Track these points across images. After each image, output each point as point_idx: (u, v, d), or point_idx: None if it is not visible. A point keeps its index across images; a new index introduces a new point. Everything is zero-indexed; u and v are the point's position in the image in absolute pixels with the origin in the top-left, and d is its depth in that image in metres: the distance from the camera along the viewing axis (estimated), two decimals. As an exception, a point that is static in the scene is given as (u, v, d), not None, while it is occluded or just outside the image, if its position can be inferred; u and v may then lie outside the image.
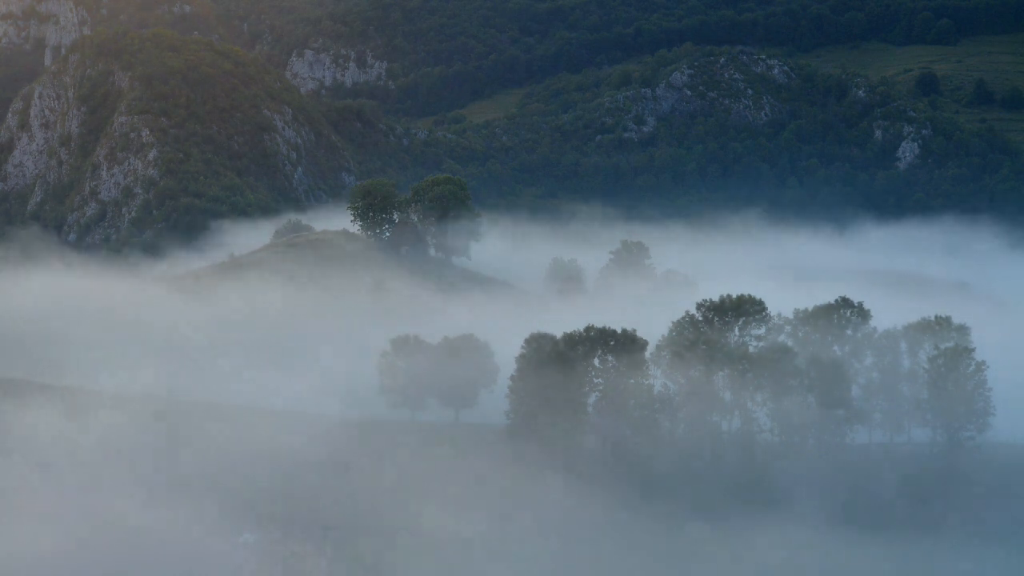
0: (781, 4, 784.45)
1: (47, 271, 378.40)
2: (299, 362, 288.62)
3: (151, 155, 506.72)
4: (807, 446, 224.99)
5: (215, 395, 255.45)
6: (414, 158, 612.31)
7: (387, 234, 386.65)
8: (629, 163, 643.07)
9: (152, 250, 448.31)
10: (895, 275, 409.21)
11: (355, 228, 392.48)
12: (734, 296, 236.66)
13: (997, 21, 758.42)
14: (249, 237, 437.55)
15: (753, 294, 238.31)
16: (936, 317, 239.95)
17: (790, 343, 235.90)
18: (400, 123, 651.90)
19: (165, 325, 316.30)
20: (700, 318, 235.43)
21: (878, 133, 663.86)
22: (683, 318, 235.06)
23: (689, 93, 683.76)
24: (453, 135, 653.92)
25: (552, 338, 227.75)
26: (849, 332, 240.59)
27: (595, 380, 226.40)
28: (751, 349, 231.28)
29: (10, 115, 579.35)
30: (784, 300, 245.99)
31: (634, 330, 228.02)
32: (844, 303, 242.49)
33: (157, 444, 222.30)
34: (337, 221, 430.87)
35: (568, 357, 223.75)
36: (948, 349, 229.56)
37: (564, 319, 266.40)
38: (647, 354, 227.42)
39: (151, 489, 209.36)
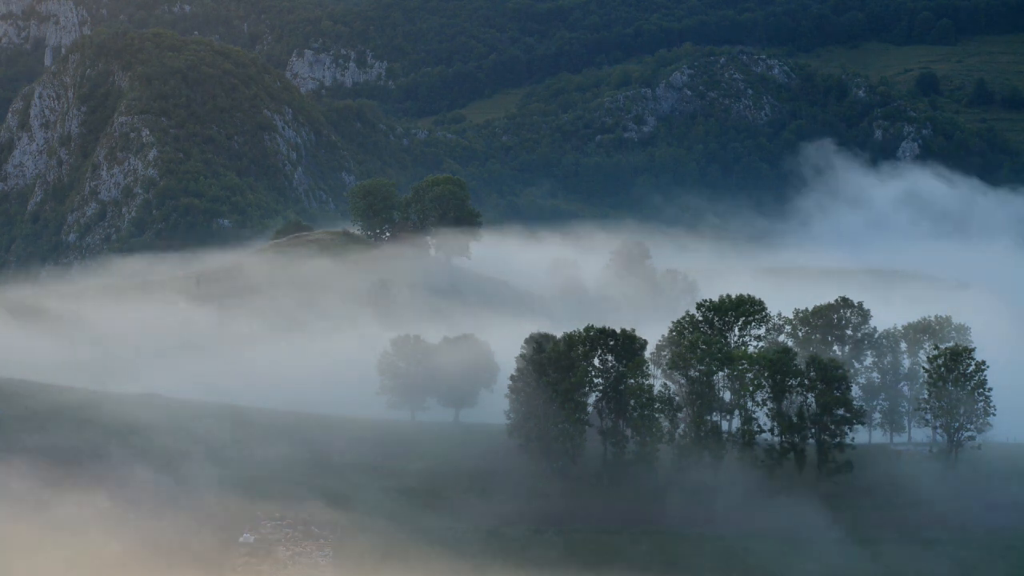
0: (781, 4, 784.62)
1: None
2: (299, 361, 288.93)
3: (151, 155, 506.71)
4: (807, 446, 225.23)
5: (213, 394, 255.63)
6: (414, 158, 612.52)
7: (387, 234, 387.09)
8: (629, 163, 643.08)
9: (152, 250, 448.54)
10: (895, 275, 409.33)
11: (355, 228, 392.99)
12: (734, 296, 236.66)
13: (997, 21, 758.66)
14: (249, 237, 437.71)
15: (753, 294, 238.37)
16: (936, 317, 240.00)
17: (790, 343, 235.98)
18: (400, 123, 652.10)
19: (168, 326, 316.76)
20: (700, 318, 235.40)
21: (878, 133, 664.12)
22: (683, 318, 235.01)
23: (689, 93, 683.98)
24: (453, 135, 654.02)
25: (552, 338, 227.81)
26: (849, 332, 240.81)
27: (595, 380, 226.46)
28: (751, 349, 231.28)
29: (10, 115, 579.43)
30: (784, 300, 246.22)
31: (634, 330, 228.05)
32: (844, 303, 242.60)
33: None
34: (337, 221, 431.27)
35: (568, 357, 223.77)
36: (948, 349, 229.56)
37: (564, 319, 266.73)
38: (647, 354, 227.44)
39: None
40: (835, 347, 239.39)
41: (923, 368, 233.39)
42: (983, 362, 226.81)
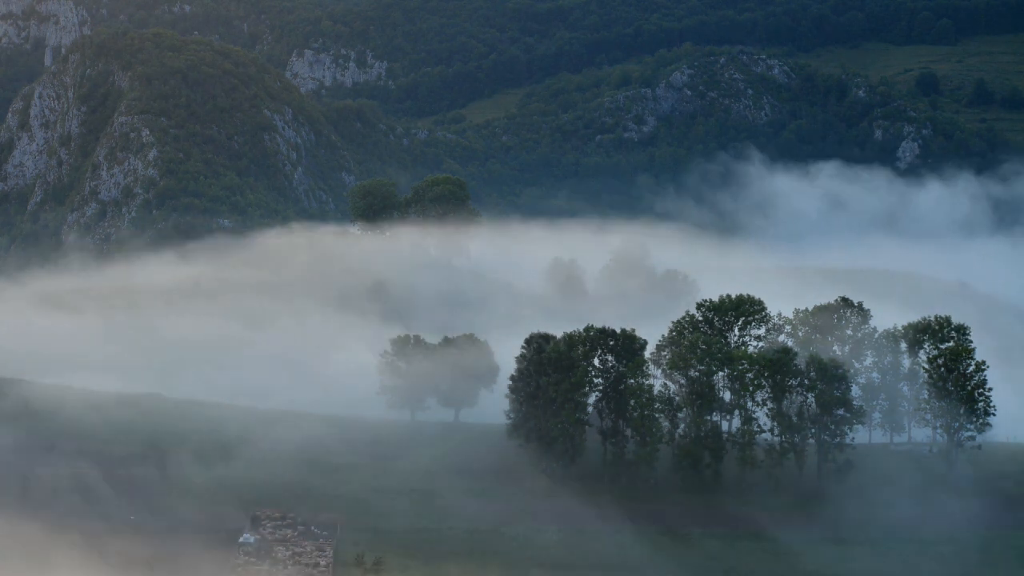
0: (781, 4, 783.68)
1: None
2: (299, 362, 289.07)
3: (151, 155, 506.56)
4: (807, 446, 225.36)
5: (215, 395, 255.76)
6: (414, 158, 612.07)
7: (387, 234, 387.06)
8: (629, 163, 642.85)
9: (152, 250, 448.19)
10: (894, 275, 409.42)
11: (355, 228, 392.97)
12: (734, 296, 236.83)
13: (997, 21, 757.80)
14: (249, 237, 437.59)
15: (753, 294, 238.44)
16: (936, 317, 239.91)
17: (790, 343, 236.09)
18: (400, 123, 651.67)
19: (167, 325, 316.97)
20: (700, 318, 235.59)
21: (878, 133, 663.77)
22: (683, 318, 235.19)
23: (689, 93, 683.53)
24: (453, 135, 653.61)
25: (552, 338, 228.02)
26: (849, 332, 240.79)
27: (595, 380, 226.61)
28: (751, 349, 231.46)
29: (10, 115, 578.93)
30: (784, 300, 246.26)
31: (634, 330, 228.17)
32: (844, 303, 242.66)
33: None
34: (337, 221, 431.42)
35: (568, 357, 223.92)
36: (948, 349, 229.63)
37: (564, 319, 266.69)
38: (647, 354, 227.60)
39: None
40: (835, 347, 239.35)
41: (923, 368, 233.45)
42: (983, 362, 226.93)
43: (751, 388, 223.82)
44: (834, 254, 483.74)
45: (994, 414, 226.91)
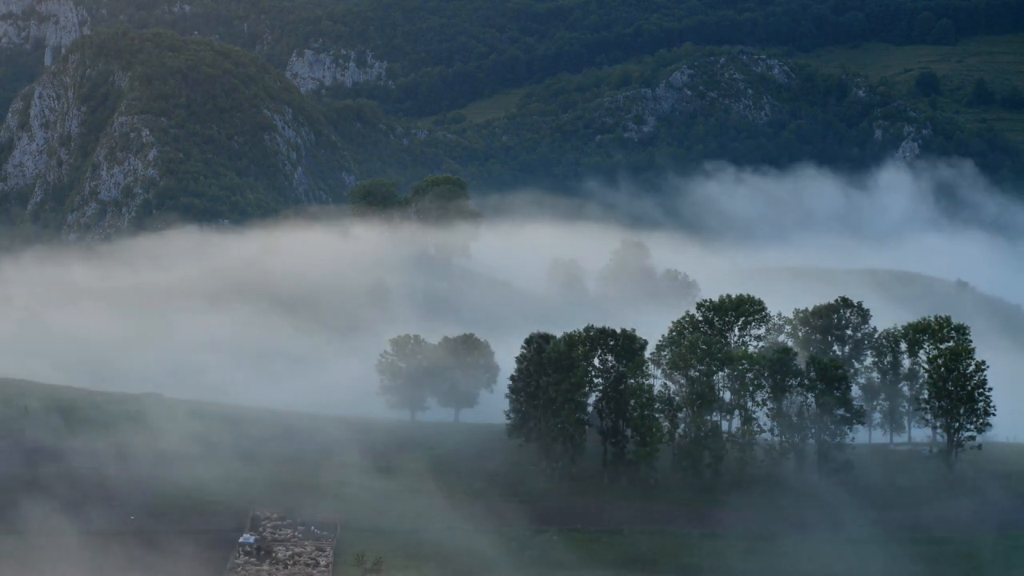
0: (781, 4, 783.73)
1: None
2: (299, 362, 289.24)
3: (151, 155, 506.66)
4: (807, 446, 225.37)
5: (216, 395, 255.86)
6: (414, 158, 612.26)
7: (387, 234, 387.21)
8: (629, 163, 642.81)
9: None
10: (895, 275, 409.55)
11: (355, 228, 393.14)
12: (734, 296, 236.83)
13: (997, 21, 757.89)
14: (248, 236, 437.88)
15: (752, 294, 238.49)
16: (936, 317, 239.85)
17: (790, 343, 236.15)
18: (400, 123, 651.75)
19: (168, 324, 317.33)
20: (700, 318, 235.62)
21: (878, 133, 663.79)
22: (683, 318, 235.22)
23: (689, 93, 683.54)
24: (453, 135, 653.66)
25: (552, 338, 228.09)
26: (849, 332, 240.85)
27: (595, 380, 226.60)
28: (751, 349, 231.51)
29: (10, 115, 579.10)
30: (784, 300, 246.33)
31: (634, 330, 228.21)
32: (844, 303, 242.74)
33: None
34: (337, 221, 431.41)
35: (568, 357, 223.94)
36: (948, 349, 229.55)
37: (564, 319, 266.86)
38: (647, 354, 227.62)
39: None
40: (835, 347, 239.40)
41: (923, 368, 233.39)
42: (983, 362, 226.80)
43: (751, 388, 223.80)
44: (833, 254, 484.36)
45: (994, 414, 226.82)
